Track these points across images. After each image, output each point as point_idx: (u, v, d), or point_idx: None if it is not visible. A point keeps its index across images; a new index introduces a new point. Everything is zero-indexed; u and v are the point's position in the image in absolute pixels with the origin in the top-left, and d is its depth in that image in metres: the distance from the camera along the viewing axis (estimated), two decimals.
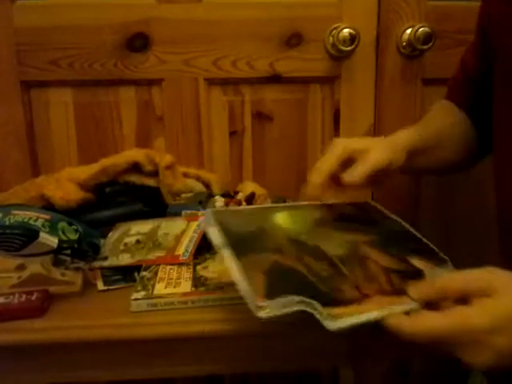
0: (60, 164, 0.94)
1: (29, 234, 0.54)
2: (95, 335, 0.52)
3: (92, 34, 0.91)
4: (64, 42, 0.91)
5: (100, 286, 0.61)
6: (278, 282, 0.41)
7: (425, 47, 0.94)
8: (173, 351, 0.55)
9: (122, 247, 0.71)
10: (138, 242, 0.72)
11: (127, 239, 0.73)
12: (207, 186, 0.93)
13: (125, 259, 0.68)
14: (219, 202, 0.79)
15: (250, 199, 0.80)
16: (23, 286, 0.56)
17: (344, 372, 1.09)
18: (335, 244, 0.48)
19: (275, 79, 0.97)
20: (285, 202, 0.80)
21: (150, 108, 0.96)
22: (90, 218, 0.80)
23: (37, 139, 0.95)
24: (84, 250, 0.59)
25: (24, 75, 0.92)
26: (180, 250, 0.67)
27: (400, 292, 0.43)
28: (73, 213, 0.78)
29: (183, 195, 0.86)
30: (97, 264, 0.66)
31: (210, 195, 0.85)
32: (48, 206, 0.78)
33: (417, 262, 0.48)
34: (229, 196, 0.84)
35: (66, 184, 0.77)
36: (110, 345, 0.54)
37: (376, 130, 1.00)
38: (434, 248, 0.52)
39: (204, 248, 0.67)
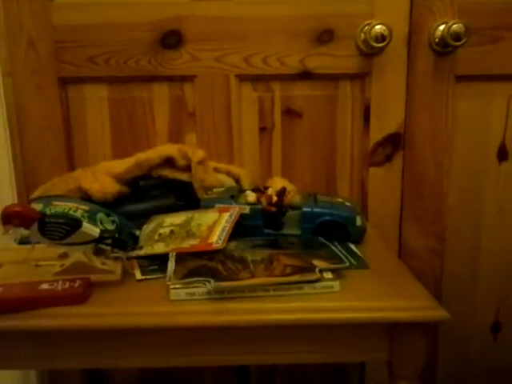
0: (94, 158, 0.97)
1: (72, 224, 0.56)
2: (135, 322, 0.54)
3: (127, 32, 0.93)
4: (100, 39, 0.93)
5: (138, 275, 0.63)
6: (194, 272, 0.59)
7: (458, 44, 0.93)
8: (209, 340, 0.56)
9: (156, 237, 0.73)
10: (172, 232, 0.74)
11: (161, 230, 0.75)
12: (237, 180, 0.94)
13: (160, 248, 0.69)
14: (250, 196, 0.80)
15: (281, 194, 0.81)
16: (66, 274, 0.58)
17: (370, 368, 1.09)
18: (257, 254, 0.65)
19: (305, 76, 0.97)
20: (315, 197, 0.81)
21: (183, 104, 0.97)
22: (124, 210, 0.83)
23: (73, 134, 0.98)
24: (124, 240, 0.61)
25: (61, 72, 0.95)
26: (213, 238, 0.68)
27: (284, 276, 0.58)
28: (108, 205, 0.80)
29: (215, 190, 0.87)
30: (133, 253, 0.68)
31: (241, 190, 0.86)
32: (85, 197, 0.80)
33: (318, 262, 0.61)
34: (259, 191, 0.85)
35: (102, 177, 0.79)
36: (149, 332, 0.55)
37: (406, 128, 0.99)
38: (341, 256, 0.65)
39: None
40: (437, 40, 0.95)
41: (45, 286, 0.55)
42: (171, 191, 0.88)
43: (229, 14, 0.94)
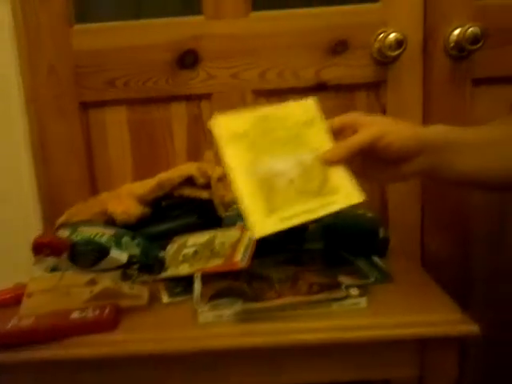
0: (116, 179, 0.98)
1: (101, 251, 0.57)
2: (165, 348, 0.54)
3: (145, 54, 0.95)
4: (119, 62, 0.95)
5: (165, 298, 0.63)
6: (221, 294, 0.60)
7: (474, 47, 0.92)
8: (238, 361, 0.57)
9: (180, 258, 0.74)
10: (195, 252, 0.75)
11: (185, 250, 0.76)
12: None
13: (184, 269, 0.70)
14: None
15: None
16: (95, 300, 0.59)
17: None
18: (281, 272, 0.65)
19: (321, 87, 0.97)
20: None
21: (200, 122, 0.98)
22: (147, 231, 0.84)
23: (95, 156, 1.00)
24: (150, 265, 0.62)
25: (82, 96, 0.96)
26: (237, 257, 0.69)
27: (311, 294, 0.58)
28: (132, 227, 0.81)
29: (234, 206, 0.88)
30: (159, 275, 0.69)
31: None
32: (109, 221, 0.81)
33: (343, 278, 0.62)
34: None
35: (126, 199, 0.81)
36: (180, 357, 0.56)
37: None
38: (366, 270, 0.67)
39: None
40: (452, 44, 0.94)
41: (75, 315, 0.57)
42: (193, 210, 0.88)
43: (243, 32, 0.95)
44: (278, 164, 0.55)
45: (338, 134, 0.59)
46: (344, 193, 0.55)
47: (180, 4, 1.03)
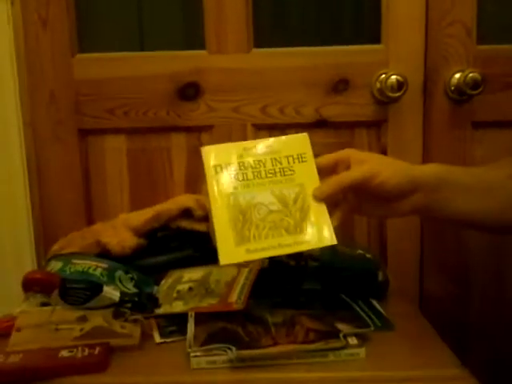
0: (113, 208, 0.97)
1: (93, 288, 0.56)
2: None
3: (146, 84, 0.95)
4: (120, 92, 0.95)
5: (157, 338, 0.61)
6: (214, 338, 0.58)
7: (474, 92, 0.93)
8: None
9: (174, 295, 0.72)
10: (190, 289, 0.73)
11: (180, 286, 0.74)
12: None
13: (178, 306, 0.68)
14: None
15: None
16: (85, 339, 0.58)
17: None
18: (277, 315, 0.63)
19: (321, 124, 0.98)
20: (335, 248, 0.80)
21: (200, 153, 0.98)
22: (142, 263, 0.82)
23: (92, 184, 0.99)
24: (143, 303, 0.60)
25: (82, 123, 0.96)
26: (233, 298, 0.67)
27: (307, 342, 0.56)
28: (126, 259, 0.80)
29: None
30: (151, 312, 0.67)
31: None
32: (103, 252, 0.80)
33: (341, 326, 0.59)
34: None
35: (121, 231, 0.80)
36: None
37: None
38: (365, 317, 0.64)
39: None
40: (453, 88, 0.95)
41: (64, 354, 0.55)
42: (189, 242, 0.87)
43: (246, 66, 0.95)
44: (258, 197, 0.56)
45: (331, 169, 0.59)
46: (318, 234, 0.55)
47: (183, 38, 1.04)
